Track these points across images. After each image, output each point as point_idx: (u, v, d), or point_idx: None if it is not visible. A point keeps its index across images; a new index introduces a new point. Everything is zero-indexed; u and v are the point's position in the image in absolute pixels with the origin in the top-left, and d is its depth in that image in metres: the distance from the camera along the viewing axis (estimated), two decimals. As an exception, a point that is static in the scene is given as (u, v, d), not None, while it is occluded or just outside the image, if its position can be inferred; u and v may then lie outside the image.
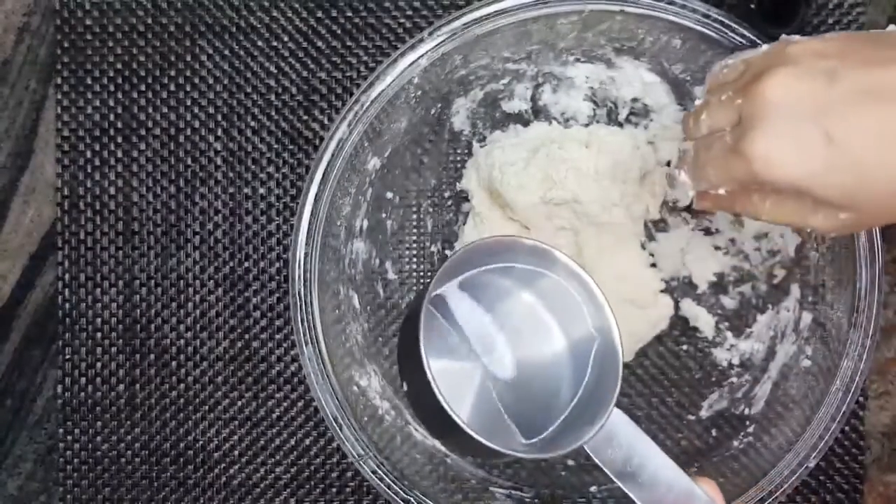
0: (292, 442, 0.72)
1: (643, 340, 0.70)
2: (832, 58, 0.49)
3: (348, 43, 0.72)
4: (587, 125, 0.70)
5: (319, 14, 0.72)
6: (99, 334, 0.72)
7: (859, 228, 0.57)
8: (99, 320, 0.72)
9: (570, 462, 0.70)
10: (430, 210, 0.71)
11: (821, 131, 0.48)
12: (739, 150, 0.49)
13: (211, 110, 0.72)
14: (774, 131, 0.48)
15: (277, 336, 0.72)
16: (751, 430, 0.68)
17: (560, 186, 0.66)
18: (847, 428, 0.71)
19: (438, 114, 0.70)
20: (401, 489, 0.64)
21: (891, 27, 0.52)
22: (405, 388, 0.57)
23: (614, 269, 0.68)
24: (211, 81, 0.72)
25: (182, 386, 0.72)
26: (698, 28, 0.63)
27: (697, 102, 0.56)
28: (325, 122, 0.72)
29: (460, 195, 0.71)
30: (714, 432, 0.70)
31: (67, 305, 0.72)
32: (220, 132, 0.72)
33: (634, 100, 0.70)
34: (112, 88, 0.72)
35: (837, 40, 0.50)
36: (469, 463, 0.70)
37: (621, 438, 0.55)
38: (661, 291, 0.70)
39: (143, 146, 0.72)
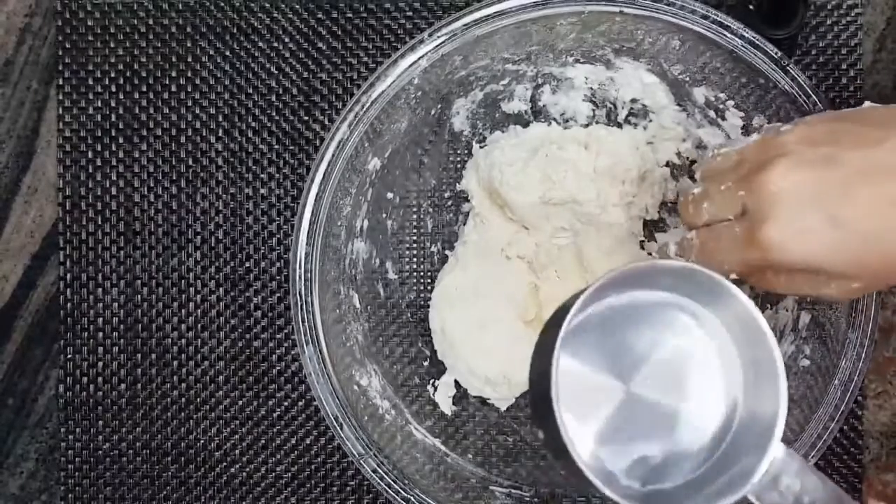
0: (293, 441, 0.72)
1: None
2: (825, 144, 0.52)
3: (349, 44, 0.72)
4: (586, 126, 0.70)
5: (320, 15, 0.72)
6: (100, 334, 0.72)
7: (872, 290, 0.62)
8: (100, 320, 0.72)
9: (570, 461, 0.71)
10: (430, 210, 0.71)
11: (826, 214, 0.51)
12: (754, 241, 0.53)
13: (212, 111, 0.72)
14: (784, 221, 0.52)
15: (278, 335, 0.72)
16: (749, 429, 0.68)
17: (559, 187, 0.66)
18: (845, 427, 0.71)
19: (438, 114, 0.70)
20: (401, 488, 0.64)
21: (867, 104, 0.56)
22: (529, 378, 0.53)
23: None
24: (212, 82, 0.72)
25: (183, 385, 0.72)
26: (697, 29, 0.64)
27: (695, 191, 0.57)
28: (326, 122, 0.72)
29: (460, 195, 0.71)
30: (713, 431, 0.70)
31: (69, 305, 0.72)
32: (221, 133, 0.72)
33: (633, 100, 0.70)
34: (113, 89, 0.72)
35: (824, 124, 0.54)
36: (469, 462, 0.70)
37: (789, 477, 0.51)
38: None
39: (144, 146, 0.72)
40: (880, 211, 0.51)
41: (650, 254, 0.70)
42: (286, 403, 0.72)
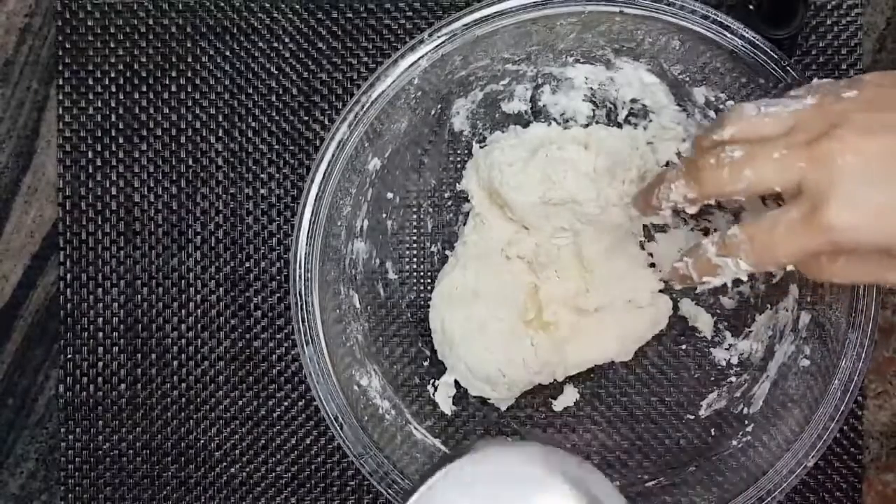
0: (293, 441, 0.72)
1: (642, 340, 0.70)
2: (891, 110, 0.47)
3: (349, 44, 0.72)
4: (586, 126, 0.70)
5: (320, 15, 0.72)
6: (100, 334, 0.72)
7: None
8: (100, 320, 0.72)
9: (570, 461, 0.71)
10: (431, 210, 0.71)
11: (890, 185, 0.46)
12: (818, 224, 0.47)
13: (212, 111, 0.72)
14: (855, 198, 0.46)
15: (278, 336, 0.72)
16: (749, 429, 0.68)
17: (559, 187, 0.66)
18: (845, 427, 0.71)
19: (438, 115, 0.70)
20: (401, 488, 0.64)
21: None
22: None
23: (613, 270, 0.68)
24: (212, 82, 0.72)
25: (183, 385, 0.72)
26: (697, 29, 0.64)
27: (735, 154, 0.49)
28: (326, 122, 0.72)
29: (460, 195, 0.71)
30: (713, 431, 0.70)
31: (69, 305, 0.72)
32: (221, 133, 0.72)
33: (633, 101, 0.70)
34: (114, 89, 0.72)
35: (887, 90, 0.49)
36: (469, 462, 0.70)
37: None
38: (660, 291, 0.70)
39: (144, 147, 0.72)
40: None
41: (650, 254, 0.70)
42: (286, 403, 0.72)
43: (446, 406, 0.70)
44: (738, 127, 0.51)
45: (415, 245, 0.71)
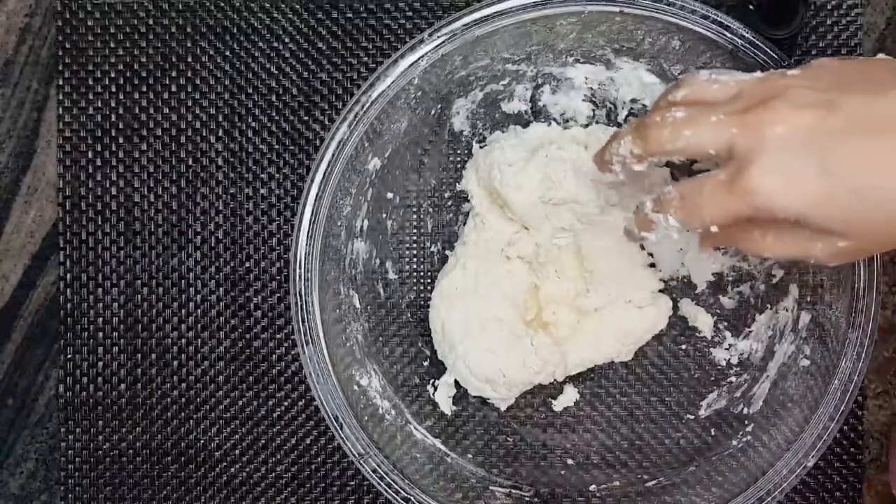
0: (293, 441, 0.72)
1: (642, 340, 0.70)
2: (829, 89, 0.49)
3: (349, 44, 0.72)
4: (586, 126, 0.70)
5: (320, 15, 0.72)
6: (100, 334, 0.72)
7: (859, 256, 0.59)
8: (100, 320, 0.72)
9: (570, 461, 0.71)
10: (430, 210, 0.71)
11: (817, 162, 0.48)
12: (739, 186, 0.49)
13: (212, 111, 0.72)
14: (774, 165, 0.48)
15: (278, 335, 0.72)
16: (749, 429, 0.68)
17: (559, 187, 0.66)
18: (845, 427, 0.71)
19: (438, 114, 0.70)
20: (401, 488, 0.64)
21: (880, 55, 0.53)
22: None
23: (613, 269, 0.68)
24: (212, 82, 0.72)
25: (183, 385, 0.72)
26: (697, 29, 0.64)
27: (678, 114, 0.52)
28: (326, 122, 0.72)
29: (460, 195, 0.71)
30: (713, 431, 0.70)
31: (69, 305, 0.72)
32: (221, 133, 0.72)
33: (633, 100, 0.70)
34: (113, 89, 0.72)
35: (830, 71, 0.51)
36: (469, 462, 0.70)
37: None
38: (660, 291, 0.70)
39: (144, 147, 0.72)
40: (875, 164, 0.48)
41: (650, 254, 0.70)
42: (286, 403, 0.72)
43: (446, 406, 0.70)
44: (690, 90, 0.53)
45: (415, 245, 0.71)
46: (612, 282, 0.68)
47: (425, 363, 0.71)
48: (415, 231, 0.71)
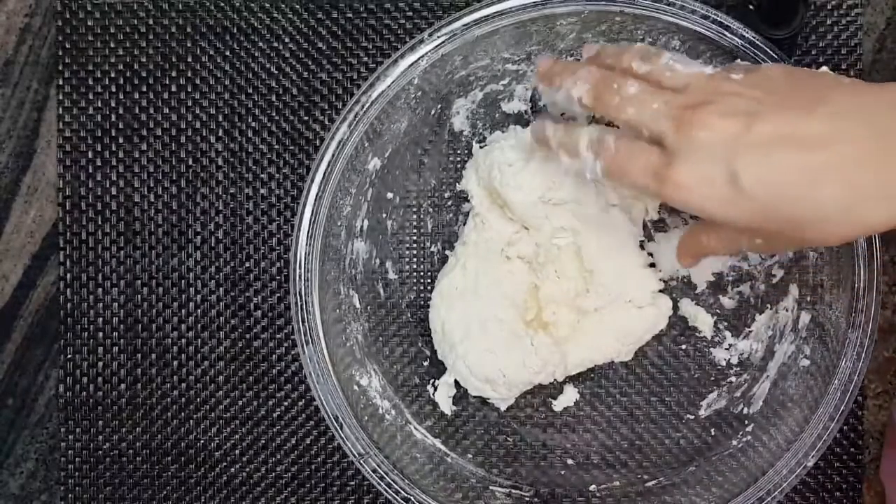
0: (293, 441, 0.72)
1: (642, 340, 0.70)
2: (761, 101, 0.52)
3: (349, 44, 0.72)
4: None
5: (320, 15, 0.72)
6: (100, 334, 0.72)
7: (783, 251, 0.67)
8: (100, 320, 0.72)
9: (570, 461, 0.71)
10: (430, 210, 0.71)
11: (730, 171, 0.51)
12: (661, 176, 0.53)
13: (212, 111, 0.72)
14: (693, 166, 0.52)
15: (278, 335, 0.72)
16: (749, 429, 0.68)
17: (558, 187, 0.66)
18: (845, 427, 0.71)
19: (438, 114, 0.70)
20: (401, 488, 0.65)
21: (823, 69, 0.55)
22: None
23: (613, 270, 0.68)
24: (212, 82, 0.72)
25: (183, 385, 0.72)
26: (697, 29, 0.64)
27: (632, 90, 0.55)
28: (326, 122, 0.72)
29: (460, 195, 0.71)
30: (713, 431, 0.70)
31: (69, 305, 0.72)
32: (221, 133, 0.72)
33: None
34: (113, 89, 0.72)
35: (770, 80, 0.53)
36: (469, 462, 0.70)
37: None
38: (660, 291, 0.70)
39: (144, 147, 0.72)
40: (781, 179, 0.50)
41: (650, 254, 0.70)
42: (286, 403, 0.72)
43: (446, 406, 0.70)
44: (650, 68, 0.56)
45: (415, 245, 0.71)
46: (612, 282, 0.68)
47: (425, 363, 0.71)
48: (415, 231, 0.71)
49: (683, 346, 0.71)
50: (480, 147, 0.70)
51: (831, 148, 0.50)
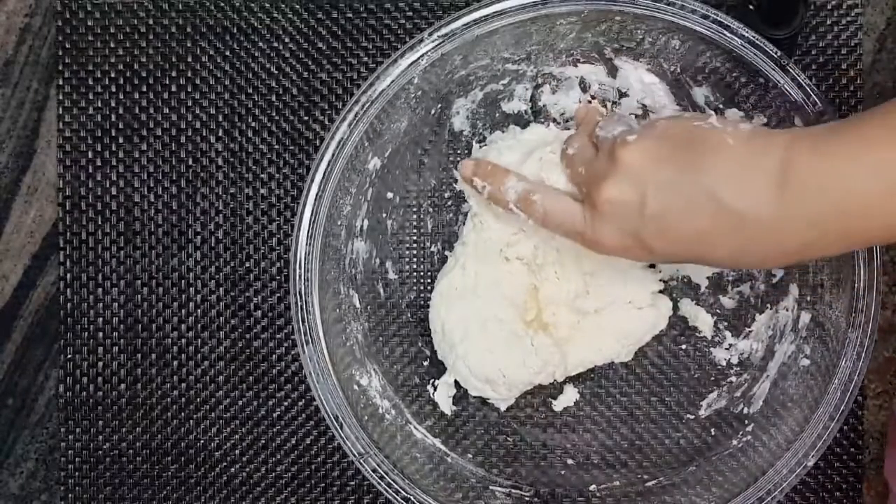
0: (293, 441, 0.72)
1: (642, 341, 0.70)
2: (648, 171, 0.56)
3: (348, 44, 0.72)
4: None
5: (320, 15, 0.72)
6: (100, 334, 0.72)
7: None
8: (100, 320, 0.72)
9: (570, 461, 0.71)
10: (430, 210, 0.71)
11: (636, 237, 0.57)
12: (586, 239, 0.59)
13: (212, 111, 0.72)
14: (608, 233, 0.58)
15: (278, 335, 0.72)
16: (749, 429, 0.68)
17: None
18: (845, 427, 0.71)
19: (438, 114, 0.70)
20: (401, 488, 0.64)
21: (712, 119, 0.57)
22: None
23: (613, 270, 0.68)
24: (212, 82, 0.72)
25: (183, 385, 0.72)
26: (697, 29, 0.64)
27: (569, 150, 0.62)
28: (326, 122, 0.72)
29: (460, 195, 0.71)
30: (713, 431, 0.70)
31: (69, 305, 0.72)
32: (221, 133, 0.72)
33: (630, 99, 0.70)
34: (113, 89, 0.72)
35: (660, 145, 0.57)
36: (469, 462, 0.70)
37: None
38: (660, 292, 0.70)
39: (144, 147, 0.72)
40: (681, 247, 0.57)
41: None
42: (286, 403, 0.72)
43: (446, 406, 0.70)
44: (588, 131, 0.63)
45: (415, 245, 0.71)
46: (612, 283, 0.68)
47: (425, 363, 0.71)
48: (415, 231, 0.71)
49: (683, 346, 0.71)
50: (480, 147, 0.70)
51: (716, 217, 0.55)
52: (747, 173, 0.54)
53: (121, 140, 0.72)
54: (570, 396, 0.71)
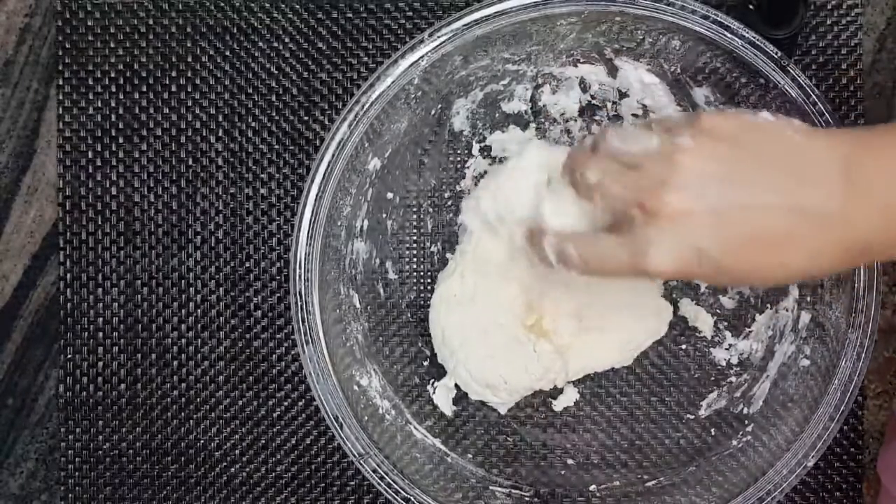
0: (293, 441, 0.72)
1: (642, 346, 0.70)
2: (711, 175, 0.53)
3: (349, 44, 0.72)
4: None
5: (320, 15, 0.72)
6: (100, 334, 0.72)
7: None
8: (100, 320, 0.72)
9: (570, 461, 0.71)
10: (430, 210, 0.71)
11: (699, 254, 0.53)
12: (636, 266, 0.54)
13: (212, 111, 0.72)
14: (666, 252, 0.54)
15: (278, 335, 0.72)
16: (749, 429, 0.68)
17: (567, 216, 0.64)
18: (845, 427, 0.71)
19: (438, 114, 0.70)
20: (401, 488, 0.64)
21: (763, 113, 0.55)
22: None
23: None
24: (212, 82, 0.72)
25: (183, 385, 0.72)
26: (697, 29, 0.64)
27: (591, 175, 0.57)
28: (326, 122, 0.72)
29: (460, 195, 0.71)
30: (713, 431, 0.70)
31: (69, 305, 0.72)
32: (221, 133, 0.72)
33: (630, 98, 0.70)
34: (113, 89, 0.72)
35: (718, 143, 0.54)
36: (469, 462, 0.70)
37: None
38: (661, 292, 0.70)
39: (144, 147, 0.72)
40: (752, 257, 0.53)
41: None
42: (286, 403, 0.72)
43: (446, 407, 0.70)
44: (607, 147, 0.57)
45: (415, 245, 0.71)
46: (613, 290, 0.68)
47: (425, 363, 0.71)
48: (415, 231, 0.71)
49: (683, 346, 0.71)
50: (480, 149, 0.70)
51: (790, 215, 0.53)
52: (818, 170, 0.53)
53: (121, 140, 0.72)
54: (570, 396, 0.71)
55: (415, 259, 0.71)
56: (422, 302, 0.71)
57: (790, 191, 0.53)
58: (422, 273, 0.71)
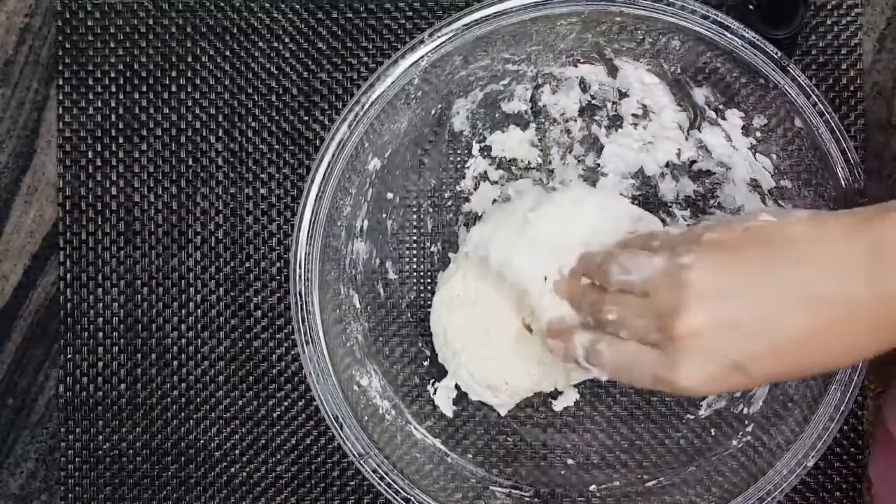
0: (293, 441, 0.72)
1: None
2: (728, 287, 0.53)
3: (349, 44, 0.72)
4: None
5: (320, 15, 0.72)
6: (100, 334, 0.72)
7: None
8: (100, 320, 0.72)
9: (570, 461, 0.71)
10: (430, 210, 0.71)
11: (731, 365, 0.53)
12: (665, 382, 0.54)
13: (212, 111, 0.72)
14: (695, 370, 0.53)
15: (278, 335, 0.72)
16: (749, 429, 0.68)
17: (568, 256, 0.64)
18: (845, 427, 0.71)
19: (439, 114, 0.70)
20: (401, 488, 0.64)
21: (764, 216, 0.55)
22: None
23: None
24: (212, 82, 0.72)
25: (183, 385, 0.72)
26: (697, 29, 0.63)
27: (606, 316, 0.57)
28: (326, 122, 0.72)
29: (460, 196, 0.71)
30: (713, 431, 0.70)
31: (69, 305, 0.72)
32: (221, 133, 0.72)
33: (628, 98, 0.70)
34: (114, 89, 0.72)
35: (722, 255, 0.54)
36: (469, 462, 0.70)
37: None
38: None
39: (144, 147, 0.72)
40: (787, 361, 0.53)
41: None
42: (286, 403, 0.72)
43: (447, 408, 0.70)
44: (614, 277, 0.57)
45: (415, 245, 0.71)
46: None
47: (425, 363, 0.71)
48: (415, 231, 0.71)
49: (683, 346, 0.71)
50: (482, 156, 0.70)
51: (816, 310, 0.52)
52: (836, 255, 0.52)
53: (121, 140, 0.72)
54: (570, 396, 0.71)
55: (415, 259, 0.71)
56: (422, 302, 0.71)
57: (805, 283, 0.52)
58: (422, 273, 0.71)
